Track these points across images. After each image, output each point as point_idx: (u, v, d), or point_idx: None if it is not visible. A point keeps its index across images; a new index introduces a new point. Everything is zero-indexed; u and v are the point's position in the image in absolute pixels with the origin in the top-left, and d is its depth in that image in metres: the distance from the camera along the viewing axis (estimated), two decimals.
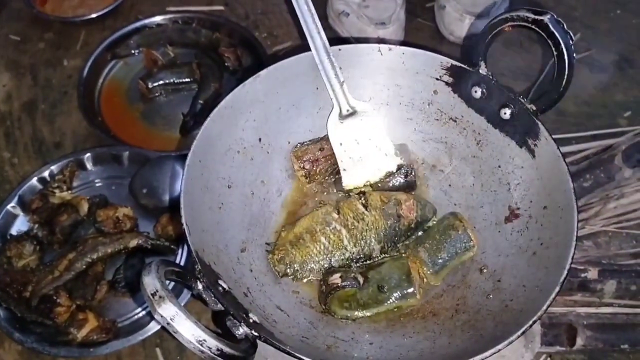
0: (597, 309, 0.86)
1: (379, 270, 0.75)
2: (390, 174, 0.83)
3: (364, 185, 0.84)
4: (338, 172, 0.84)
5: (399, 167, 0.83)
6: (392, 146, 0.84)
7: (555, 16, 0.69)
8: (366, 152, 0.83)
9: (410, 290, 0.73)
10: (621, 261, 0.92)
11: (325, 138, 0.84)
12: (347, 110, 0.82)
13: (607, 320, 0.85)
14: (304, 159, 0.83)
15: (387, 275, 0.74)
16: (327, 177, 0.85)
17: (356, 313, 0.73)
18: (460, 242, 0.77)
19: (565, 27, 0.68)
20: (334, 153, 0.83)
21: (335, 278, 0.74)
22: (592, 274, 0.88)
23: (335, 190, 0.85)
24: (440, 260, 0.77)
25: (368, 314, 0.73)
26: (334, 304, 0.73)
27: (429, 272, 0.77)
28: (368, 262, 0.78)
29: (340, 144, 0.83)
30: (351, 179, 0.84)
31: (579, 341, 0.81)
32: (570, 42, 0.68)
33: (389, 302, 0.73)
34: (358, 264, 0.77)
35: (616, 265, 0.90)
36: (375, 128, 0.83)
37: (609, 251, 0.93)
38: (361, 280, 0.74)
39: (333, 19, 1.23)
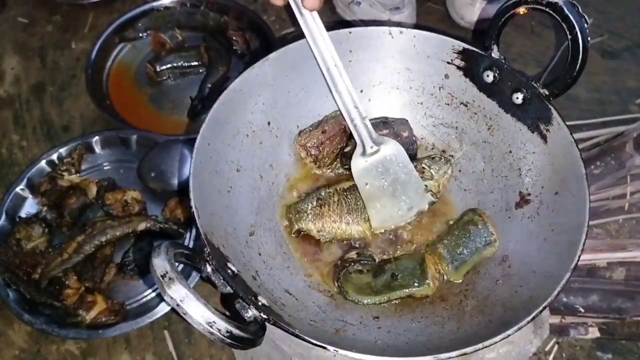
0: None
1: (396, 263, 0.75)
2: (422, 213, 0.79)
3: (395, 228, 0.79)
4: (344, 149, 0.83)
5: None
6: (422, 183, 0.78)
7: None
8: (395, 192, 0.78)
9: (424, 279, 0.72)
10: (631, 249, 0.92)
11: (325, 120, 0.83)
12: (372, 147, 0.78)
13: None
14: (309, 145, 0.82)
15: (402, 265, 0.74)
16: (335, 158, 0.84)
17: (368, 299, 0.72)
18: (481, 237, 0.75)
19: (579, 10, 0.67)
20: (337, 132, 0.82)
21: (352, 254, 0.75)
22: (602, 261, 0.88)
23: (341, 170, 0.84)
24: (460, 256, 0.74)
25: (379, 300, 0.72)
26: (348, 286, 0.73)
27: (449, 269, 0.74)
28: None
29: (366, 184, 0.78)
30: (381, 221, 0.78)
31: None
32: (585, 25, 0.67)
33: (402, 290, 0.72)
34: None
35: (626, 252, 0.90)
36: (402, 165, 0.78)
37: (619, 238, 0.93)
38: (377, 258, 0.75)
39: (342, 8, 1.22)
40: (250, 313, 0.60)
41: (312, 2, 0.72)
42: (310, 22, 0.74)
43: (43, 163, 0.98)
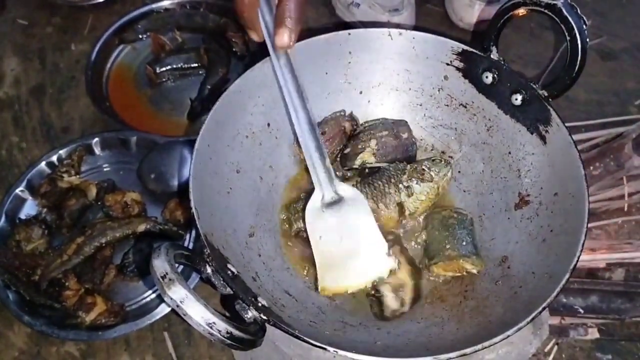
0: None
1: None
2: (380, 280, 0.71)
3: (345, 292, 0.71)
4: (343, 151, 0.83)
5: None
6: (384, 244, 0.71)
7: (569, 0, 0.68)
8: (351, 251, 0.70)
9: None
10: (630, 250, 0.92)
11: (325, 121, 0.83)
12: (332, 198, 0.72)
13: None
14: None
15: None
16: (335, 160, 0.84)
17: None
18: (463, 221, 0.77)
19: (578, 11, 0.68)
20: (336, 133, 0.82)
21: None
22: (601, 262, 0.88)
23: (340, 171, 0.84)
24: (469, 247, 0.74)
25: None
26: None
27: (472, 261, 0.73)
28: None
29: (320, 237, 0.71)
30: (330, 282, 0.70)
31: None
32: (584, 26, 0.68)
33: None
34: None
35: (625, 253, 0.90)
36: (364, 221, 0.71)
37: (619, 239, 0.93)
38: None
39: (342, 10, 1.22)
40: (250, 314, 0.60)
41: (283, 41, 0.69)
42: (283, 61, 0.71)
43: (43, 164, 0.98)
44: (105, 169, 1.01)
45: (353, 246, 0.70)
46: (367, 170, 0.82)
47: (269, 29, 0.72)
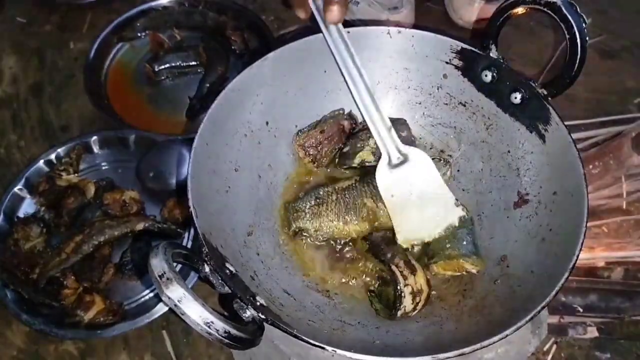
0: None
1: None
2: (452, 228, 0.76)
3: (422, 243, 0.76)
4: (342, 149, 0.83)
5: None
6: (452, 196, 0.76)
7: None
8: (422, 205, 0.75)
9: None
10: (630, 249, 0.92)
11: (324, 119, 0.83)
12: (398, 158, 0.76)
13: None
14: (307, 145, 0.82)
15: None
16: (334, 158, 0.84)
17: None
18: (463, 221, 0.77)
19: (578, 9, 0.67)
20: (335, 132, 0.82)
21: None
22: (600, 261, 0.88)
23: (340, 169, 0.84)
24: (469, 246, 0.74)
25: None
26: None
27: (472, 261, 0.73)
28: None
29: (392, 195, 0.75)
30: (407, 235, 0.76)
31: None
32: (583, 25, 0.67)
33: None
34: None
35: (624, 252, 0.90)
36: (431, 177, 0.76)
37: (618, 238, 0.92)
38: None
39: None
40: (249, 313, 0.60)
41: (334, 16, 0.72)
42: (335, 35, 0.75)
43: (41, 163, 0.97)
44: (103, 168, 1.01)
45: (423, 199, 0.75)
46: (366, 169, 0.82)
47: (318, 5, 0.74)
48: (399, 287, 0.69)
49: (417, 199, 0.76)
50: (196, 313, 0.54)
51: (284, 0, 1.06)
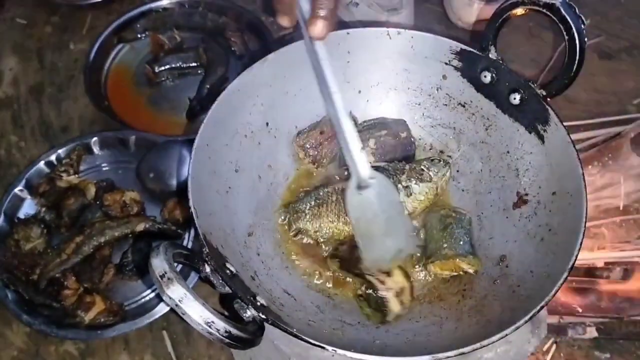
0: None
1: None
2: (412, 256, 0.77)
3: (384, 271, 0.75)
4: (342, 150, 0.83)
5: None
6: (411, 224, 0.78)
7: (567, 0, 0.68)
8: (386, 230, 0.74)
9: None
10: (628, 249, 0.92)
11: (324, 121, 0.83)
12: (365, 182, 0.73)
13: None
14: (307, 146, 0.82)
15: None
16: (334, 159, 0.84)
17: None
18: (461, 221, 0.77)
19: (577, 11, 0.68)
20: (335, 133, 0.82)
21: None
22: (599, 261, 0.88)
23: (339, 170, 0.84)
24: (466, 246, 0.74)
25: None
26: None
27: (468, 261, 0.73)
28: None
29: (359, 219, 0.74)
30: (372, 261, 0.74)
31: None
32: (582, 26, 0.68)
33: None
34: None
35: (623, 252, 0.90)
36: (393, 202, 0.75)
37: (617, 238, 0.93)
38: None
39: (341, 9, 1.21)
40: (249, 313, 0.60)
41: (318, 31, 0.68)
42: (312, 49, 0.70)
43: (41, 164, 0.97)
44: (104, 169, 1.01)
45: (387, 227, 0.74)
46: None
47: (305, 17, 0.70)
48: (380, 294, 0.70)
49: (382, 225, 0.74)
50: (197, 313, 0.55)
51: (266, 7, 1.03)
